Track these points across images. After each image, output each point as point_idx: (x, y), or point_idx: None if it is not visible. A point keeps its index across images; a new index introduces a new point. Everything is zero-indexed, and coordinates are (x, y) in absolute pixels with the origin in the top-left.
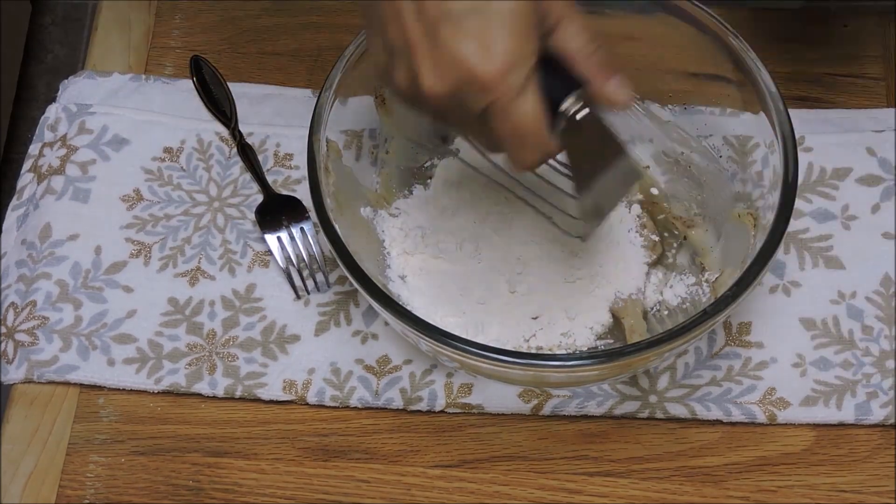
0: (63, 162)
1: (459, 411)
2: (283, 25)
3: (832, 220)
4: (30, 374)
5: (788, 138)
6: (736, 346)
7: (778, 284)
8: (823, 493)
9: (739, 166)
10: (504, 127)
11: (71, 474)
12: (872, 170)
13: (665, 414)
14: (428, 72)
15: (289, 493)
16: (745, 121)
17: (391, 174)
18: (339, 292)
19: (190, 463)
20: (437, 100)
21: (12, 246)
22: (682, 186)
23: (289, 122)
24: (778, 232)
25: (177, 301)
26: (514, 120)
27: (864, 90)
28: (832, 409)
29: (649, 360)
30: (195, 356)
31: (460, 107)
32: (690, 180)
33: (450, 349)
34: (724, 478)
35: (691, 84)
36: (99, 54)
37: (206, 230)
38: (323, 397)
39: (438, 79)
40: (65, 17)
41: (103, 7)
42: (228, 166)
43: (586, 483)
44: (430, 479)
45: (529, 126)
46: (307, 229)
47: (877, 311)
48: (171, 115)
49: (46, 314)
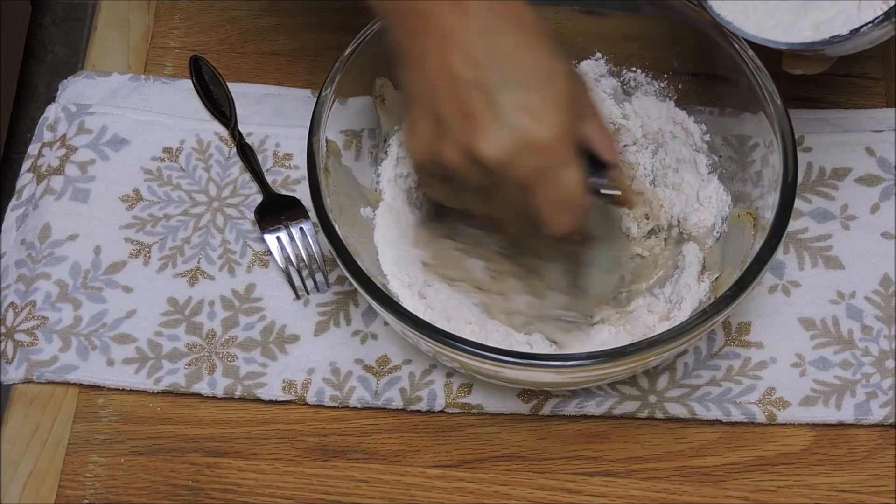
0: (62, 162)
1: (459, 411)
2: (283, 25)
3: (831, 220)
4: (29, 374)
5: (788, 138)
6: (735, 346)
7: (777, 284)
8: (823, 493)
9: (739, 166)
10: (551, 192)
11: (70, 474)
12: (872, 170)
13: (664, 414)
14: (488, 136)
15: (288, 493)
16: (745, 121)
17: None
18: (339, 292)
19: (189, 463)
20: (494, 163)
21: (12, 246)
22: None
23: (288, 122)
24: (777, 232)
25: (176, 301)
26: (563, 185)
27: (863, 90)
28: (831, 409)
29: (649, 361)
30: (195, 356)
31: (507, 174)
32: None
33: (449, 349)
34: (723, 478)
35: (691, 84)
36: (98, 54)
37: (206, 230)
38: (322, 397)
39: (499, 142)
40: (65, 16)
41: (103, 7)
42: (228, 166)
43: (586, 483)
44: (430, 479)
45: (576, 191)
46: (307, 229)
47: (876, 311)
48: (170, 115)
49: (46, 314)
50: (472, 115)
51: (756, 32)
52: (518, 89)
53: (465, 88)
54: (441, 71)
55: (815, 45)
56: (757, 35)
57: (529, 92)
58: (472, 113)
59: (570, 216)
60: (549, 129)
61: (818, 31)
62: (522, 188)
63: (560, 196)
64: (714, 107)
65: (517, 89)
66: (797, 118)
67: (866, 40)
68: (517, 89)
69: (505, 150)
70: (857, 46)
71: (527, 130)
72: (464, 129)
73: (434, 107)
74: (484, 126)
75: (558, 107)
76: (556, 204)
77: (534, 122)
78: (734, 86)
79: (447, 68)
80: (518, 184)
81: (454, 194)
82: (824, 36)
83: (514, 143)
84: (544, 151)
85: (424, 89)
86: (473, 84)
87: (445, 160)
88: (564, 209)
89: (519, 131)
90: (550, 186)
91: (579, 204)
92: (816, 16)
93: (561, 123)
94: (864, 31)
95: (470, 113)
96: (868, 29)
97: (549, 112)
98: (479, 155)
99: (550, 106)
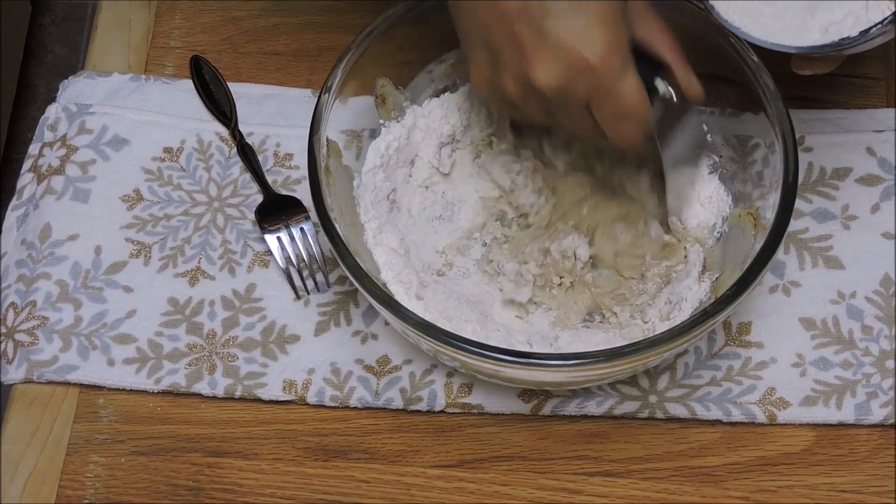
0: (63, 162)
1: (459, 411)
2: (283, 25)
3: (832, 220)
4: (30, 374)
5: (788, 138)
6: (736, 346)
7: (778, 284)
8: (823, 494)
9: (739, 166)
10: (610, 106)
11: (71, 474)
12: (872, 170)
13: (665, 414)
14: (541, 64)
15: (288, 494)
16: (745, 121)
17: None
18: (339, 292)
19: (190, 463)
20: (551, 90)
21: (12, 246)
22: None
23: (289, 121)
24: (778, 232)
25: (177, 301)
26: (621, 98)
27: (863, 90)
28: (832, 409)
29: (649, 360)
30: (195, 356)
31: (566, 97)
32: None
33: (450, 349)
34: (723, 478)
35: None
36: (99, 54)
37: (206, 230)
38: (323, 397)
39: (551, 70)
40: (65, 16)
41: (103, 7)
42: (228, 166)
43: (586, 483)
44: (430, 479)
45: (634, 102)
46: (307, 229)
47: (876, 311)
48: (170, 115)
49: (46, 314)
50: (522, 46)
51: (765, 37)
52: (563, 13)
53: (513, 20)
54: (489, 6)
55: (826, 48)
56: (766, 40)
57: (574, 13)
58: (523, 44)
59: (633, 125)
60: (596, 47)
61: (827, 34)
62: (583, 106)
63: (620, 109)
64: (714, 107)
65: (562, 13)
66: (798, 118)
67: (876, 41)
68: (562, 13)
69: (559, 77)
70: (867, 46)
71: (575, 53)
72: (517, 61)
73: (487, 41)
74: (535, 55)
75: (604, 21)
76: (618, 117)
77: (581, 43)
78: (735, 86)
79: (494, 2)
80: (577, 104)
81: (524, 114)
82: (834, 38)
83: (564, 68)
84: (595, 70)
85: (477, 25)
86: (520, 14)
87: (507, 91)
88: (627, 120)
89: (567, 55)
90: (608, 101)
91: (640, 113)
92: (825, 18)
93: (608, 39)
94: (874, 33)
95: (520, 44)
96: (877, 30)
97: (595, 30)
98: (536, 84)
99: (597, 22)
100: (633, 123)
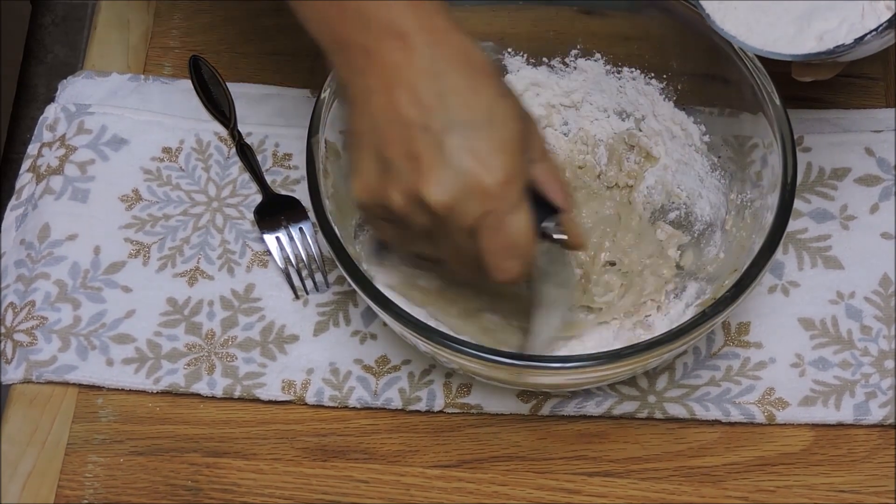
0: (62, 162)
1: (458, 411)
2: (283, 25)
3: (831, 221)
4: (28, 374)
5: (787, 138)
6: (735, 347)
7: (777, 284)
8: (822, 494)
9: (738, 166)
10: (498, 237)
11: (70, 474)
12: (871, 170)
13: (664, 414)
14: (436, 179)
15: (287, 494)
16: (744, 121)
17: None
18: (338, 292)
19: (189, 463)
20: (441, 208)
21: (11, 246)
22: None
23: (288, 122)
24: (777, 232)
25: (175, 301)
26: (510, 230)
27: (862, 90)
28: (831, 409)
29: (648, 362)
30: (194, 356)
31: (454, 218)
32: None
33: (448, 350)
34: (722, 478)
35: (691, 84)
36: (98, 54)
37: (205, 230)
38: (322, 397)
39: (446, 187)
40: (65, 17)
41: (103, 7)
42: (227, 166)
43: (585, 483)
44: (429, 480)
45: (523, 237)
46: (306, 229)
47: (875, 311)
48: (169, 115)
49: (45, 314)
50: (417, 158)
51: (761, 46)
52: (465, 131)
53: (411, 130)
54: (386, 111)
55: (821, 56)
56: (762, 49)
57: (476, 134)
58: (418, 155)
59: (516, 262)
60: (495, 173)
61: (822, 42)
62: (468, 233)
63: (506, 242)
64: (713, 107)
65: (464, 131)
66: (796, 118)
67: (872, 47)
68: (464, 131)
69: (450, 195)
70: (863, 53)
71: (473, 174)
72: (409, 172)
73: (379, 147)
74: (429, 169)
75: (506, 150)
76: (502, 250)
77: (480, 165)
78: (733, 86)
79: (393, 108)
80: (464, 228)
81: (400, 236)
82: (829, 46)
83: (459, 188)
84: (490, 196)
85: (370, 129)
86: (419, 125)
87: (390, 202)
88: (510, 255)
89: (465, 175)
90: (496, 232)
91: (526, 250)
92: (820, 26)
93: (508, 167)
94: (868, 40)
95: (415, 155)
96: (872, 37)
97: (495, 155)
98: (424, 199)
99: (498, 149)
100: (516, 260)
